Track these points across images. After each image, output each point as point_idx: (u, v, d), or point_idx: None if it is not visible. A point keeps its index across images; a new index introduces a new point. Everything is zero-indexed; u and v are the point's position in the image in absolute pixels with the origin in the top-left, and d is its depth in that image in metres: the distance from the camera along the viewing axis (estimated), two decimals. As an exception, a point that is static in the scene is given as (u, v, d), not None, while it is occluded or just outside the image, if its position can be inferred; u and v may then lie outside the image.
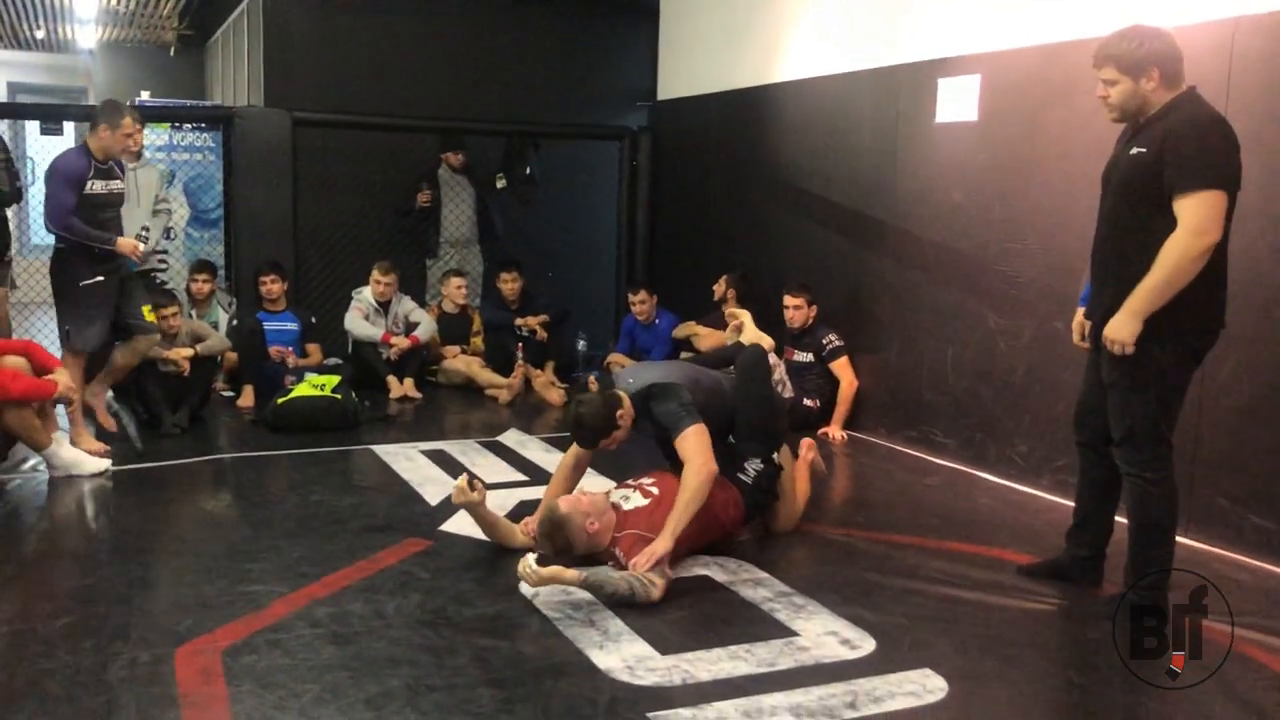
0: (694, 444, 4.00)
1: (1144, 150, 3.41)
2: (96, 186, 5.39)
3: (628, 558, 3.81)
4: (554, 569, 3.67)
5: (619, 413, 4.13)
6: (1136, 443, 3.53)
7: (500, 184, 8.21)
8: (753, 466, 4.31)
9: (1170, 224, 3.31)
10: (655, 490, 4.09)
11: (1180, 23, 4.53)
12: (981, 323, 5.53)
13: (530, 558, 3.69)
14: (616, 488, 4.25)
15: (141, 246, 5.59)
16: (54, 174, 5.35)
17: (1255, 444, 4.26)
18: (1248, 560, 4.21)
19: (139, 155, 6.62)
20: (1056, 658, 3.38)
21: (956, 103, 5.68)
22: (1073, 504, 4.00)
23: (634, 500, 4.06)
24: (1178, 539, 3.67)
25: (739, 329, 4.85)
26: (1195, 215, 3.28)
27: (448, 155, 8.20)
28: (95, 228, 5.36)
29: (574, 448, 4.33)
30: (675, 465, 4.18)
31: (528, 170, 8.17)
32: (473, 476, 4.07)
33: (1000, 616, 3.69)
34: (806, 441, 4.96)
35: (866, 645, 3.41)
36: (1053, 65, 5.14)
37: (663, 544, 3.79)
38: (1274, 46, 4.20)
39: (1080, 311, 3.86)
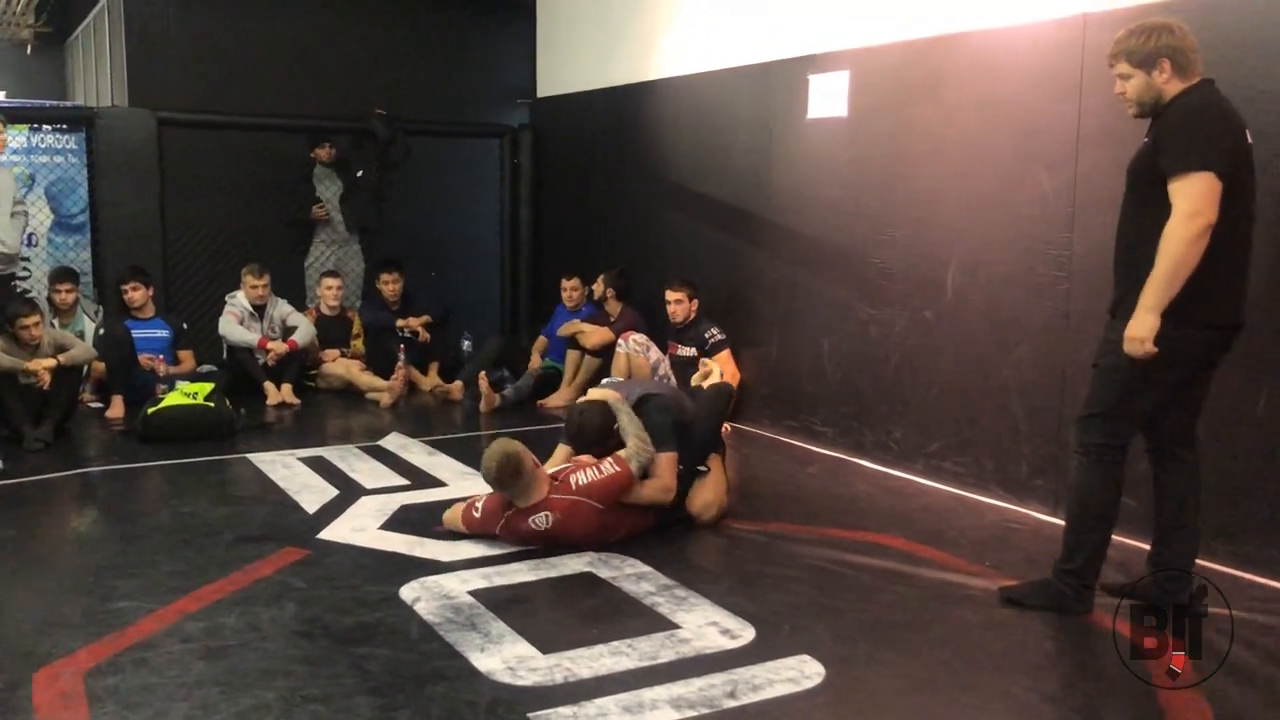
0: (667, 467, 4.43)
1: (1147, 141, 3.43)
2: None
3: (593, 464, 4.25)
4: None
5: (615, 425, 4.49)
6: (1091, 424, 3.53)
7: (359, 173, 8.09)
8: None
9: (1168, 211, 3.27)
10: (582, 460, 4.43)
11: (1033, 19, 4.71)
12: (855, 314, 5.64)
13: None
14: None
15: None
16: None
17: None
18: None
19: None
20: (931, 640, 3.46)
21: (827, 99, 5.78)
22: (967, 493, 4.00)
23: (562, 467, 4.42)
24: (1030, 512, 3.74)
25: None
26: (1184, 198, 3.23)
27: (317, 151, 8.03)
28: None
29: (562, 448, 4.67)
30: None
31: (358, 173, 8.05)
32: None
33: (877, 600, 3.78)
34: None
35: (747, 634, 3.45)
36: (918, 62, 5.27)
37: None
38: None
39: None
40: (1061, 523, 3.72)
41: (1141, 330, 3.30)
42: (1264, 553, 3.95)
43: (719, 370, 5.46)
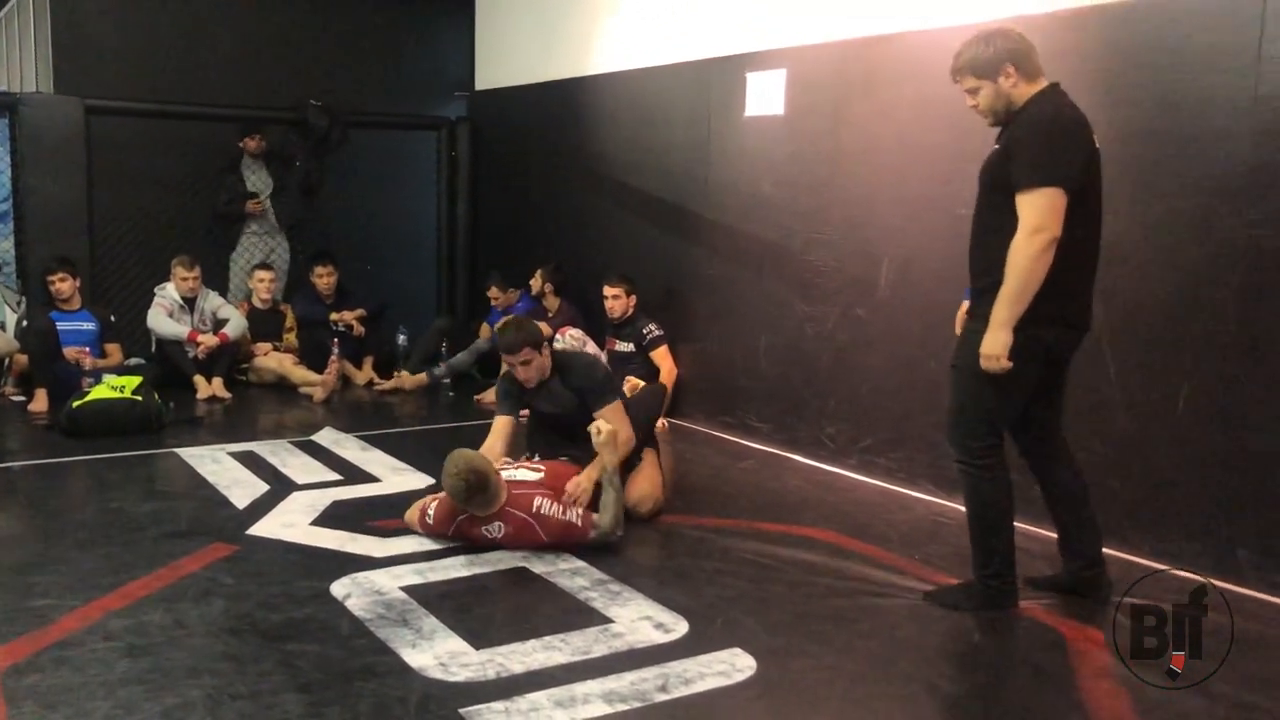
0: (621, 414, 4.56)
1: (998, 148, 3.45)
2: None
3: (555, 500, 4.14)
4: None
5: (544, 343, 4.59)
6: (967, 428, 3.55)
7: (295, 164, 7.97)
8: None
9: (1016, 217, 3.30)
10: (541, 469, 4.32)
11: (967, 20, 4.78)
12: (791, 310, 5.69)
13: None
14: (501, 466, 4.37)
15: None
16: None
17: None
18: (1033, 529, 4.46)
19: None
20: (861, 632, 3.50)
21: (765, 96, 5.82)
22: (898, 487, 4.03)
23: (521, 474, 4.28)
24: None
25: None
26: (1031, 213, 3.26)
27: (246, 141, 7.89)
28: None
29: (498, 421, 4.66)
30: (559, 448, 4.56)
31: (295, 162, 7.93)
32: None
33: (808, 594, 3.82)
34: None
35: (679, 628, 3.47)
36: (854, 60, 5.33)
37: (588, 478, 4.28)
38: (1049, 44, 4.45)
39: (964, 305, 3.70)
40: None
41: (995, 348, 3.35)
42: (1184, 546, 4.06)
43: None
